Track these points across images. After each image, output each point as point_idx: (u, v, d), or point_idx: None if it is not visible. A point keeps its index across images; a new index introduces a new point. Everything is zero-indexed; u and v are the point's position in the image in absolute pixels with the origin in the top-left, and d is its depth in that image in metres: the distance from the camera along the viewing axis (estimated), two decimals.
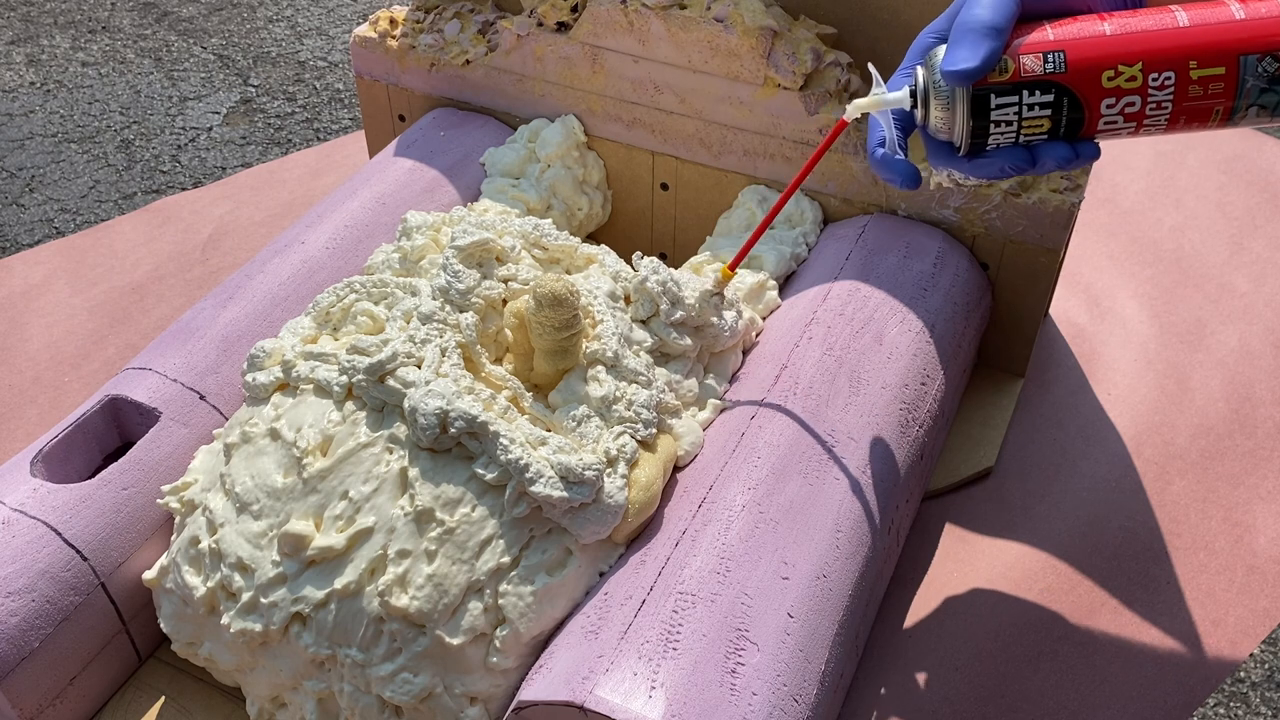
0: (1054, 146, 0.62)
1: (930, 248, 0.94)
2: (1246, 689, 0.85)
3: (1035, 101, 0.60)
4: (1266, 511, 0.97)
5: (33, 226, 1.35)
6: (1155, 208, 1.33)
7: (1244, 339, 1.14)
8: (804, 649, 0.66)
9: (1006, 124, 0.61)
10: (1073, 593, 0.90)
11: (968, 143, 0.62)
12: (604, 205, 1.12)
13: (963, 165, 0.64)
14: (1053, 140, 0.62)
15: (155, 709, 0.80)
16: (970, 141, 0.62)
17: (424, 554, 0.68)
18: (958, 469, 0.98)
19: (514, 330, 0.77)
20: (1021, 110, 0.60)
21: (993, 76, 0.60)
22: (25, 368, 1.14)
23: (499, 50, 1.08)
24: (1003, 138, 0.62)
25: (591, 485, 0.69)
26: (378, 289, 0.82)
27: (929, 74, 0.62)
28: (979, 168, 0.63)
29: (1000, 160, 0.62)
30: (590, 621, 0.67)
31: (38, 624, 0.72)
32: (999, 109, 0.60)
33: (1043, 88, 0.60)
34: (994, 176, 0.63)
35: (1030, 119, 0.61)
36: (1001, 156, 0.62)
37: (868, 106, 0.66)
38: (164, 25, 1.78)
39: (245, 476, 0.74)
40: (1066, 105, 0.60)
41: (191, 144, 1.50)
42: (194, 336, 0.87)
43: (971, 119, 0.61)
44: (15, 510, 0.74)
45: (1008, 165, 0.62)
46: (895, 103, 0.64)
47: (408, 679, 0.68)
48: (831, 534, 0.72)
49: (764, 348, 0.87)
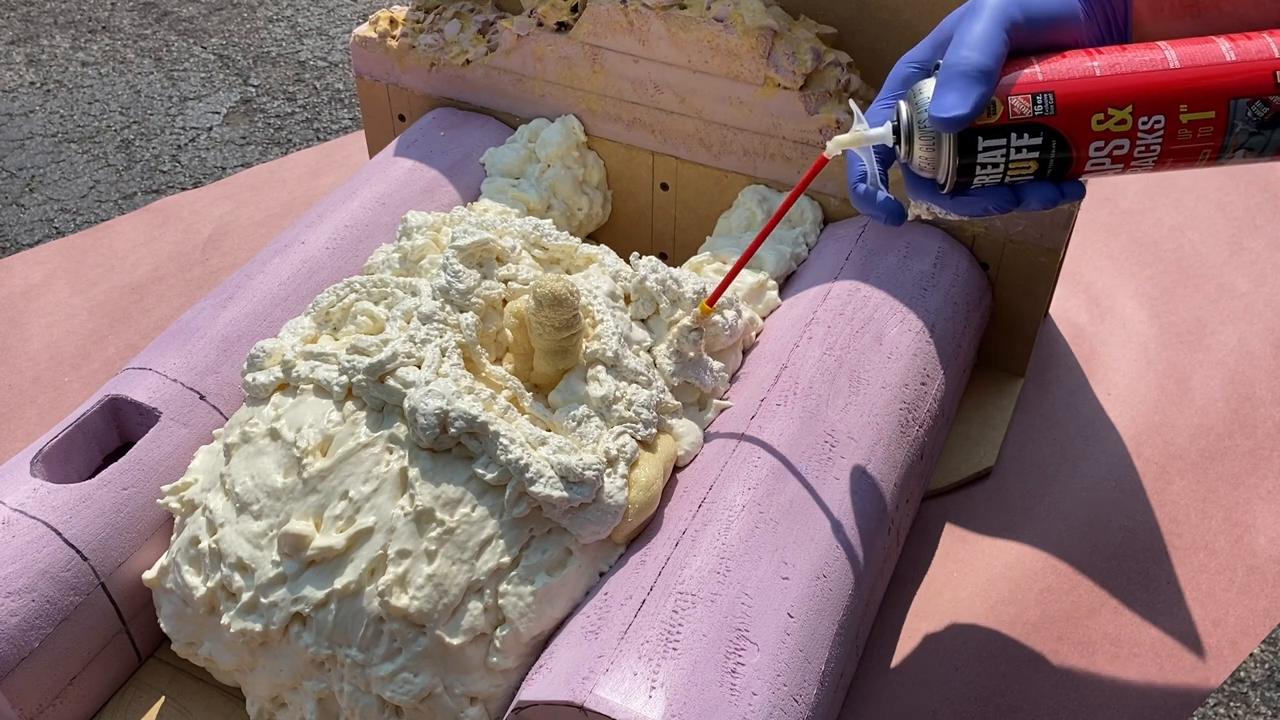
0: (1040, 187, 0.61)
1: (930, 248, 0.94)
2: (1246, 689, 0.85)
3: (1023, 144, 0.59)
4: (1266, 511, 0.97)
5: (33, 226, 1.35)
6: (1155, 208, 1.33)
7: (1244, 339, 1.14)
8: (804, 649, 0.66)
9: (993, 165, 0.59)
10: (1073, 593, 0.90)
11: (953, 181, 0.60)
12: (604, 205, 1.12)
13: (944, 202, 0.62)
14: (1039, 180, 0.61)
15: (155, 709, 0.80)
16: (955, 180, 0.60)
17: (424, 554, 0.68)
18: (958, 469, 0.98)
19: (514, 330, 0.77)
20: (1009, 152, 0.59)
21: (981, 119, 0.59)
22: (25, 368, 1.14)
23: (499, 50, 1.08)
24: (988, 178, 0.60)
25: (592, 485, 0.69)
26: (378, 289, 0.82)
27: (914, 111, 0.60)
28: (961, 205, 0.62)
29: (984, 200, 0.61)
30: (590, 621, 0.67)
31: (38, 624, 0.72)
32: (986, 150, 0.59)
33: (1031, 130, 0.58)
34: (976, 214, 0.62)
35: (1017, 160, 0.59)
36: (985, 196, 0.61)
37: (849, 143, 0.64)
38: (164, 25, 1.78)
39: (245, 476, 0.74)
40: (1055, 147, 0.59)
41: (191, 144, 1.50)
42: (194, 336, 0.87)
43: (958, 160, 0.59)
44: (15, 510, 0.74)
45: (991, 205, 0.61)
46: (878, 139, 0.63)
47: (408, 679, 0.68)
48: (831, 534, 0.72)
49: (764, 348, 0.87)
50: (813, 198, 1.01)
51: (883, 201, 0.64)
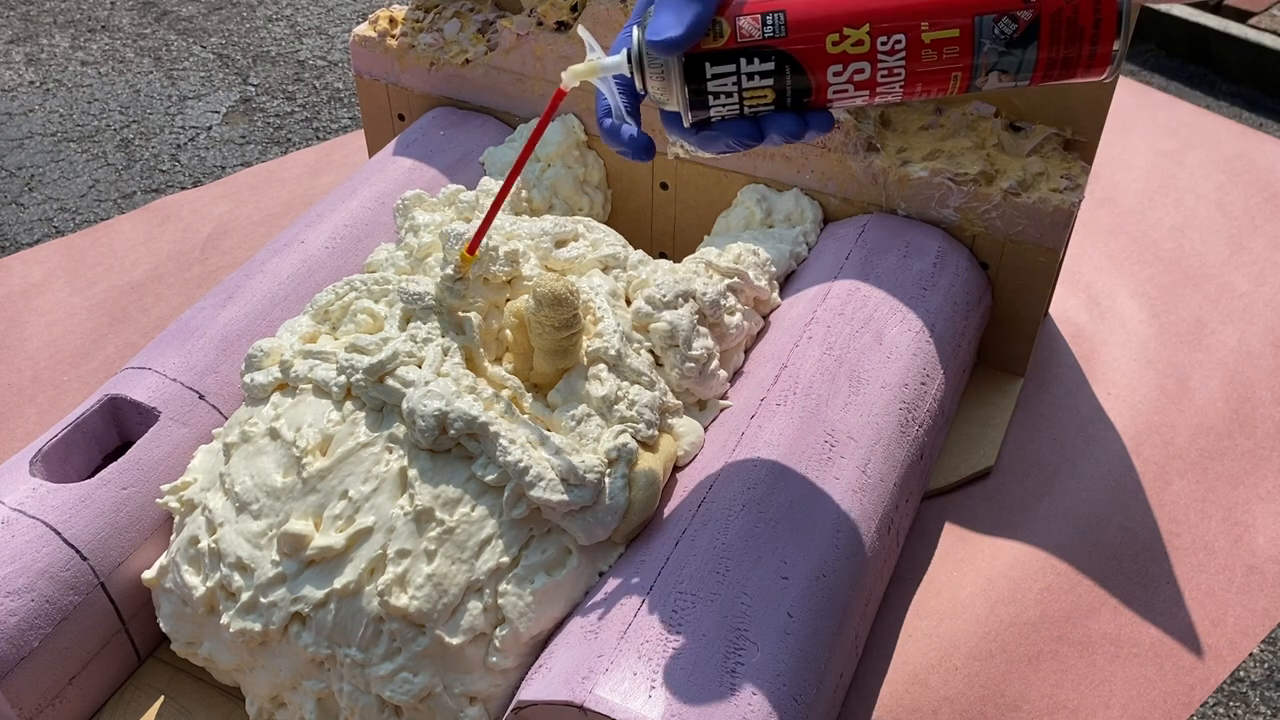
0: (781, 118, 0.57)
1: (930, 247, 0.94)
2: (1246, 689, 0.85)
3: (755, 70, 0.55)
4: (1266, 511, 0.97)
5: (32, 226, 1.35)
6: (1155, 208, 1.33)
7: (1244, 339, 1.14)
8: (804, 649, 0.66)
9: (726, 95, 0.56)
10: (1073, 592, 0.90)
11: (688, 114, 0.57)
12: (604, 204, 1.12)
13: (690, 137, 0.59)
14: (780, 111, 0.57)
15: (155, 709, 0.80)
16: (691, 113, 0.57)
17: (423, 554, 0.68)
18: (958, 469, 0.98)
19: (514, 330, 0.77)
20: (740, 80, 0.55)
21: (707, 42, 0.54)
22: (25, 367, 1.13)
23: (499, 49, 1.08)
24: (725, 109, 0.56)
25: (593, 488, 0.69)
26: (379, 286, 0.82)
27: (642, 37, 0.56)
28: (705, 141, 0.59)
29: (724, 135, 0.58)
30: (590, 621, 0.67)
31: (37, 624, 0.72)
32: (715, 79, 0.55)
33: (762, 55, 0.54)
34: (721, 151, 0.59)
35: (752, 89, 0.55)
36: (726, 130, 0.58)
37: (583, 74, 0.60)
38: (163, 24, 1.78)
39: (245, 476, 0.73)
40: (789, 72, 0.55)
41: (191, 143, 1.50)
42: (193, 336, 0.87)
43: (687, 89, 0.56)
44: (15, 510, 0.74)
45: (733, 140, 0.58)
46: (612, 68, 0.58)
47: (407, 679, 0.68)
48: (831, 534, 0.72)
49: (764, 347, 0.87)
50: (813, 197, 1.01)
51: (629, 137, 0.60)
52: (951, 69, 0.55)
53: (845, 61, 0.55)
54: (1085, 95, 0.94)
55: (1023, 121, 0.97)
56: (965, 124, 0.98)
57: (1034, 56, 0.55)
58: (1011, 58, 0.55)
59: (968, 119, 0.98)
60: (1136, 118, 1.50)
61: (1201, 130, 1.47)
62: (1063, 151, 0.96)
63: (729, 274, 0.86)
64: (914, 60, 0.55)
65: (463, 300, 0.75)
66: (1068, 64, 0.55)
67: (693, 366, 0.79)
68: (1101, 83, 0.63)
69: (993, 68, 0.55)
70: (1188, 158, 1.41)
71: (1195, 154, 1.41)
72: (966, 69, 0.55)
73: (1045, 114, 0.96)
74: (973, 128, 0.98)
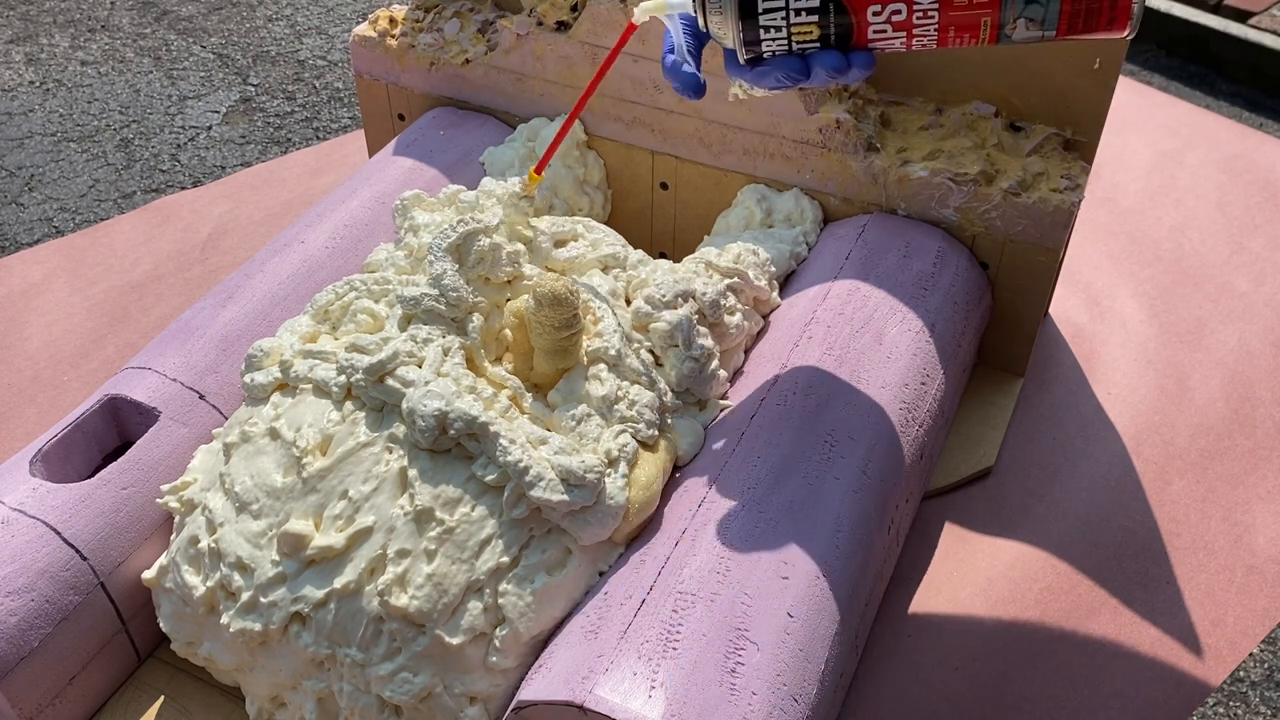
0: (825, 55, 0.61)
1: (930, 247, 0.94)
2: (1246, 688, 0.85)
3: (801, 6, 0.59)
4: (1266, 511, 0.97)
5: (32, 225, 1.35)
6: (1155, 208, 1.33)
7: (1244, 339, 1.14)
8: (804, 649, 0.66)
9: (775, 30, 0.60)
10: (1072, 593, 0.90)
11: (743, 51, 0.61)
12: (604, 205, 1.12)
13: (746, 75, 0.63)
14: (825, 49, 0.61)
15: (155, 709, 0.80)
16: (745, 49, 0.61)
17: (423, 553, 0.68)
18: (958, 469, 0.98)
19: (514, 330, 0.77)
20: (789, 15, 0.60)
21: None
22: (24, 367, 1.13)
23: (498, 49, 1.08)
24: (776, 45, 0.61)
25: (593, 488, 0.69)
26: (379, 286, 0.82)
27: None
28: (759, 77, 0.63)
29: (775, 70, 0.62)
30: (590, 621, 0.67)
31: (37, 623, 0.72)
32: (766, 14, 0.60)
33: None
34: (773, 86, 0.63)
35: (799, 25, 0.60)
36: (776, 66, 0.62)
37: (654, 9, 0.65)
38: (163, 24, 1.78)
39: (245, 476, 0.73)
40: (833, 10, 0.59)
41: (191, 143, 1.50)
42: (193, 336, 0.87)
43: (741, 24, 0.60)
44: (14, 510, 0.74)
45: (782, 74, 0.62)
46: (679, 6, 0.64)
47: (407, 679, 0.68)
48: (831, 534, 0.72)
49: (764, 347, 0.87)
50: (813, 197, 1.01)
51: (684, 74, 0.65)
52: (981, 15, 0.59)
53: (884, 2, 0.59)
54: (1085, 95, 0.94)
55: (1023, 121, 0.97)
56: (965, 124, 0.98)
57: (1059, 6, 0.58)
58: (1038, 6, 0.58)
59: (968, 119, 0.98)
60: (1136, 118, 1.50)
61: (1201, 130, 1.47)
62: (1063, 151, 0.96)
63: (729, 274, 0.86)
64: (947, 5, 0.59)
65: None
66: (1090, 15, 0.58)
67: (693, 366, 0.79)
68: (1123, 39, 0.69)
69: (1020, 15, 0.58)
70: (1188, 158, 1.41)
71: (1195, 154, 1.41)
72: (996, 17, 0.59)
73: (1045, 114, 0.96)
74: (973, 128, 0.98)
